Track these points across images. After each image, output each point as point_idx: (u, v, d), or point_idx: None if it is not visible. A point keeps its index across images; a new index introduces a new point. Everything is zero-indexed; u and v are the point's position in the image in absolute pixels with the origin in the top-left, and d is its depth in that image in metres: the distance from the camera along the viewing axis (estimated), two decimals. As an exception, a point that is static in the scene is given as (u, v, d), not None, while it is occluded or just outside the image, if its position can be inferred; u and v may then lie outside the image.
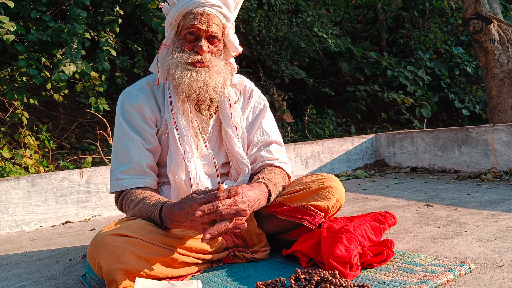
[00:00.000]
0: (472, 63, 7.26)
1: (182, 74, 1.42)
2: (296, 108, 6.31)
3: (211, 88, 1.45)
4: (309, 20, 6.01)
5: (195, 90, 1.43)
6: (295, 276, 1.17)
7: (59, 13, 4.09)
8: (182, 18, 1.47)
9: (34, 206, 2.71)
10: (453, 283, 1.14)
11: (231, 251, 1.46)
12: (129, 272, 1.19)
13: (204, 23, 1.44)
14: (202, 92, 1.45)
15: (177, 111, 1.48)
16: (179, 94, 1.46)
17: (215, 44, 1.49)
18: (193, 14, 1.44)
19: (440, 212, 2.03)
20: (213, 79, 1.45)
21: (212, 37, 1.47)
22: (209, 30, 1.45)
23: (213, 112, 1.57)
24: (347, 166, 3.99)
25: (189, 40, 1.45)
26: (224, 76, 1.50)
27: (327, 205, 1.44)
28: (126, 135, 1.48)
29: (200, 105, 1.53)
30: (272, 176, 1.48)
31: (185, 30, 1.45)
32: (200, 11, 1.44)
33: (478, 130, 3.20)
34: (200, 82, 1.43)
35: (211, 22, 1.45)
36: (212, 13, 1.46)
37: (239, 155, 1.55)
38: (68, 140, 4.57)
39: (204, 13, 1.44)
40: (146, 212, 1.33)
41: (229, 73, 1.55)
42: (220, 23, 1.49)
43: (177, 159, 1.46)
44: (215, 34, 1.47)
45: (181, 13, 1.46)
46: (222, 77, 1.49)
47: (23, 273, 1.65)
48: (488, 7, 5.04)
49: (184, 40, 1.46)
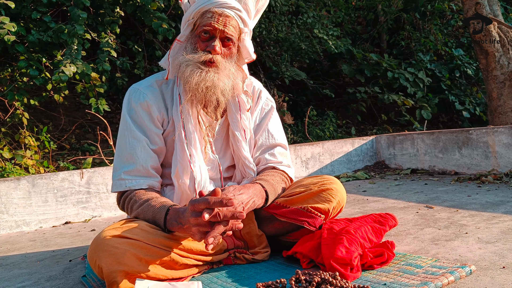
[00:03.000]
0: (473, 65, 7.26)
1: (191, 72, 1.40)
2: (296, 110, 6.31)
3: (218, 90, 1.42)
4: (310, 22, 6.02)
5: (202, 90, 1.41)
6: (296, 277, 1.17)
7: (60, 14, 4.09)
8: (199, 16, 1.45)
9: (34, 206, 2.71)
10: (454, 285, 1.14)
11: (231, 253, 1.46)
12: (129, 273, 1.19)
13: (221, 23, 1.42)
14: (209, 93, 1.42)
15: (185, 112, 1.45)
16: (186, 93, 1.44)
17: (229, 47, 1.46)
18: (211, 13, 1.42)
19: (441, 214, 2.03)
20: (221, 81, 1.42)
21: (227, 38, 1.44)
22: (225, 31, 1.43)
23: (219, 115, 1.54)
24: (347, 168, 3.99)
25: (204, 38, 1.43)
26: (233, 80, 1.47)
27: (328, 208, 1.44)
28: (131, 134, 1.45)
29: (207, 107, 1.50)
30: (270, 177, 1.47)
31: (201, 28, 1.43)
32: (219, 11, 1.42)
33: (479, 132, 3.20)
34: (208, 82, 1.40)
35: (228, 24, 1.43)
36: (230, 15, 1.43)
37: (246, 159, 1.53)
38: (68, 140, 4.57)
39: (222, 14, 1.42)
40: (150, 213, 1.32)
41: (240, 79, 1.52)
42: (237, 26, 1.46)
43: (183, 163, 1.43)
44: (230, 36, 1.44)
45: (199, 11, 1.44)
46: (231, 80, 1.46)
47: (23, 274, 1.65)
48: (488, 9, 5.04)
49: (198, 38, 1.44)
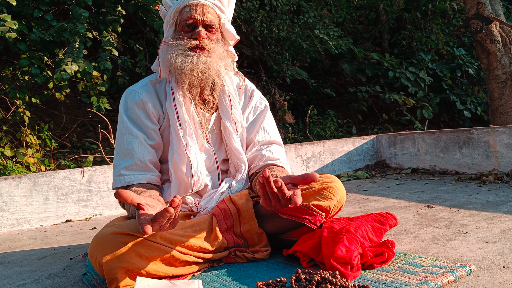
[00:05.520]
0: (474, 64, 7.25)
1: (183, 60, 1.46)
2: (297, 109, 6.30)
3: (213, 72, 1.49)
4: (311, 22, 6.01)
5: (197, 74, 1.47)
6: (296, 276, 1.17)
7: (61, 13, 4.09)
8: (178, 14, 1.53)
9: (35, 204, 2.72)
10: (454, 284, 1.14)
11: (231, 251, 1.46)
12: (130, 270, 1.19)
13: (200, 12, 1.50)
14: (204, 75, 1.48)
15: (179, 105, 1.51)
16: (182, 82, 1.49)
17: (213, 32, 1.54)
18: (189, 6, 1.51)
19: (441, 213, 2.03)
20: (214, 62, 1.49)
21: (209, 26, 1.52)
22: (205, 20, 1.51)
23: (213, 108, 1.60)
24: (348, 167, 3.99)
25: (187, 30, 1.51)
26: (225, 61, 1.55)
27: (329, 205, 1.44)
28: (128, 132, 1.50)
29: (203, 91, 1.54)
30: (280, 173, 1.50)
31: (183, 23, 1.51)
32: (195, 3, 1.52)
33: (480, 132, 3.20)
34: (201, 65, 1.46)
35: (206, 12, 1.52)
36: (206, 3, 1.53)
37: (237, 151, 1.59)
38: (70, 139, 4.58)
39: (198, 4, 1.52)
40: None
41: (230, 60, 1.60)
42: (215, 13, 1.55)
43: (179, 151, 1.49)
44: (211, 23, 1.52)
45: (177, 10, 1.53)
46: (223, 62, 1.53)
47: (24, 272, 1.65)
48: (490, 8, 5.03)
49: (182, 32, 1.52)
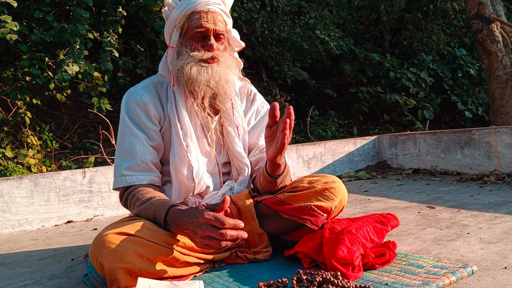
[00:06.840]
0: (475, 65, 7.24)
1: (199, 71, 1.46)
2: (298, 109, 6.30)
3: (224, 81, 1.50)
4: (311, 23, 6.01)
5: (213, 85, 1.48)
6: (297, 277, 1.17)
7: (62, 14, 4.10)
8: (186, 19, 1.50)
9: (36, 205, 2.72)
10: (456, 285, 1.13)
11: (233, 252, 1.46)
12: (131, 271, 1.19)
13: (211, 22, 1.48)
14: (219, 86, 1.49)
15: (181, 108, 1.51)
16: (196, 92, 1.50)
17: (222, 42, 1.53)
18: (198, 13, 1.48)
19: (443, 214, 2.03)
20: (226, 73, 1.51)
21: (219, 35, 1.52)
22: (217, 29, 1.50)
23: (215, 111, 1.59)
24: (349, 168, 3.99)
25: (198, 40, 1.49)
26: (233, 70, 1.56)
27: (330, 206, 1.44)
28: (130, 132, 1.50)
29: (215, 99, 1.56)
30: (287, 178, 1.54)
31: (193, 30, 1.49)
32: (205, 10, 1.48)
33: (481, 132, 3.19)
34: (216, 77, 1.48)
35: (216, 21, 1.50)
36: (216, 10, 1.51)
37: (240, 155, 1.59)
38: (71, 140, 4.58)
39: (209, 12, 1.49)
40: (151, 211, 1.33)
41: (237, 67, 1.61)
42: (223, 20, 1.54)
43: (180, 154, 1.48)
44: (221, 32, 1.52)
45: (185, 14, 1.49)
46: (232, 70, 1.55)
47: (26, 272, 1.65)
48: (491, 9, 5.03)
49: (192, 40, 1.50)
